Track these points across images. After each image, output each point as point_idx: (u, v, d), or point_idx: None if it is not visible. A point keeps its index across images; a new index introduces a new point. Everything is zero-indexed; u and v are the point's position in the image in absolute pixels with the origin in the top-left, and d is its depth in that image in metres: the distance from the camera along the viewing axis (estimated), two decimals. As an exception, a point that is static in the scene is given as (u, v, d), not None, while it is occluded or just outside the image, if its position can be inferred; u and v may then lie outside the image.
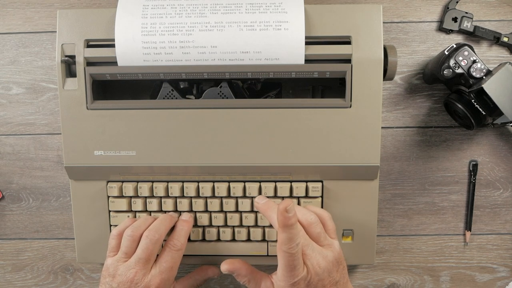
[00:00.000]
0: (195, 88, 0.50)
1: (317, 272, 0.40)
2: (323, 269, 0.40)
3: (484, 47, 0.54)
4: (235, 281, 0.56)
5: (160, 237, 0.44)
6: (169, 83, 0.48)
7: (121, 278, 0.43)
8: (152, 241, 0.43)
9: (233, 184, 0.49)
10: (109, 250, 0.45)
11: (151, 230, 0.44)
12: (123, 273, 0.43)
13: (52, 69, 0.55)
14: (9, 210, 0.58)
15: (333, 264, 0.41)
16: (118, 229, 0.46)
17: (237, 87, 0.49)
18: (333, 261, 0.41)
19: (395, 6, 0.54)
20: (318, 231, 0.42)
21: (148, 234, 0.44)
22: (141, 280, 0.43)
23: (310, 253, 0.40)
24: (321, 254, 0.40)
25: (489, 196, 0.55)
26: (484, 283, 0.57)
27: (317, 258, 0.40)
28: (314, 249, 0.40)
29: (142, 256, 0.43)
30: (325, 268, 0.40)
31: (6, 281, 0.59)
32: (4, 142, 0.56)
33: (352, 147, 0.47)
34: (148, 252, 0.43)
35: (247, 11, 0.45)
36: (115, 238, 0.45)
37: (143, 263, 0.43)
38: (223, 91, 0.48)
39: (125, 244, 0.44)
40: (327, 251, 0.41)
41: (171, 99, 0.48)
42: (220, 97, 0.48)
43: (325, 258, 0.40)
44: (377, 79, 0.45)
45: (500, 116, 0.46)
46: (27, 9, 0.55)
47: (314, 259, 0.40)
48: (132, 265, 0.43)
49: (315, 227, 0.42)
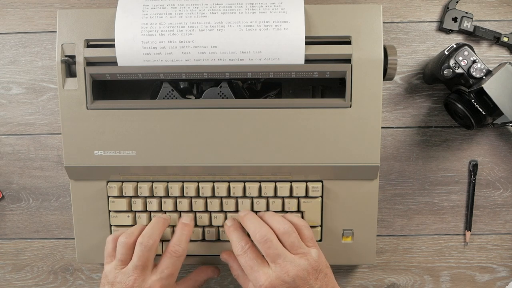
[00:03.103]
0: (195, 88, 0.50)
1: (285, 280, 0.40)
2: (292, 277, 0.40)
3: (484, 47, 0.54)
4: (235, 281, 0.57)
5: (154, 243, 0.44)
6: (169, 83, 0.48)
7: (120, 286, 0.43)
8: (146, 248, 0.43)
9: (233, 184, 0.49)
10: (106, 256, 0.45)
11: (144, 236, 0.44)
12: (122, 281, 0.43)
13: (52, 69, 0.55)
14: (9, 210, 0.58)
15: (308, 272, 0.41)
16: (114, 235, 0.46)
17: (237, 87, 0.49)
18: (308, 269, 0.41)
19: (395, 6, 0.54)
20: (292, 240, 0.42)
21: (142, 241, 0.44)
22: (141, 286, 0.43)
23: (281, 262, 0.41)
24: (292, 263, 0.41)
25: (489, 196, 0.55)
26: (484, 283, 0.57)
27: (286, 266, 0.41)
28: (285, 258, 0.41)
29: (138, 264, 0.43)
30: (295, 275, 0.41)
31: (6, 281, 0.59)
32: (4, 142, 0.56)
33: (352, 147, 0.47)
34: (144, 259, 0.43)
35: (247, 11, 0.45)
36: (111, 242, 0.45)
37: (141, 269, 0.43)
38: (223, 91, 0.48)
39: (120, 251, 0.44)
40: (301, 259, 0.42)
41: (171, 99, 0.48)
42: (220, 97, 0.48)
43: (296, 266, 0.41)
44: (377, 79, 0.45)
45: (500, 116, 0.46)
46: (27, 9, 0.55)
47: (283, 267, 0.41)
48: (130, 272, 0.43)
49: (289, 236, 0.43)
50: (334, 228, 0.50)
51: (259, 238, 0.42)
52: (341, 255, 0.50)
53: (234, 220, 0.47)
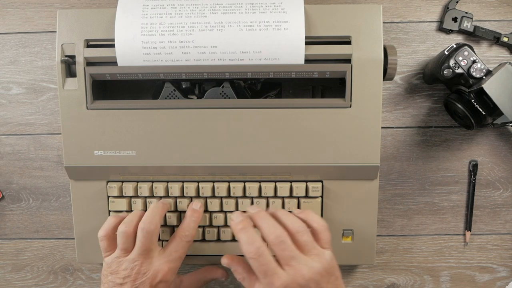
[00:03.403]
0: (197, 88, 0.50)
1: (300, 283, 0.39)
2: (307, 280, 0.39)
3: (484, 47, 0.54)
4: (235, 281, 0.56)
5: (156, 227, 0.44)
6: (171, 83, 0.48)
7: (126, 272, 0.42)
8: (149, 233, 0.43)
9: (233, 184, 0.49)
10: (103, 251, 0.45)
11: (145, 221, 0.44)
12: (128, 267, 0.43)
13: (52, 69, 0.55)
14: (9, 210, 0.58)
15: (321, 275, 0.40)
16: (104, 230, 0.45)
17: (239, 87, 0.49)
18: (321, 272, 0.40)
19: (395, 6, 0.54)
20: (305, 239, 0.41)
21: (144, 226, 0.43)
22: (148, 269, 0.43)
23: (295, 264, 0.40)
24: (306, 265, 0.40)
25: (489, 196, 0.55)
26: (484, 283, 0.57)
27: (301, 269, 0.40)
28: (300, 261, 0.40)
29: (142, 249, 0.43)
30: (310, 278, 0.39)
31: (6, 281, 0.59)
32: (4, 142, 0.56)
33: (352, 147, 0.47)
34: (148, 244, 0.43)
35: (247, 11, 0.45)
36: (104, 239, 0.45)
37: (145, 254, 0.43)
38: (225, 91, 0.48)
39: (121, 241, 0.44)
40: (314, 261, 0.40)
41: (171, 99, 0.48)
42: (222, 97, 0.48)
43: (310, 269, 0.40)
44: (377, 79, 0.45)
45: (500, 116, 0.46)
46: (27, 9, 0.55)
47: (298, 271, 0.39)
48: (135, 257, 0.43)
49: (302, 235, 0.41)
50: (334, 228, 0.49)
51: (273, 240, 0.40)
52: (341, 255, 0.50)
53: (242, 216, 0.43)
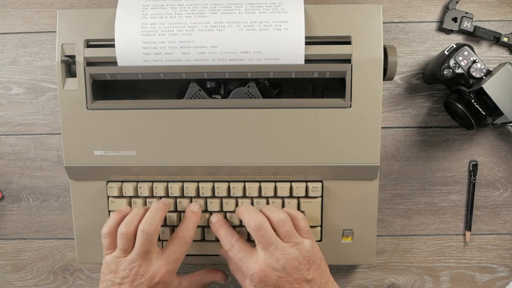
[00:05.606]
0: (223, 88, 0.49)
1: (275, 267, 0.41)
2: (282, 265, 0.41)
3: (484, 47, 0.54)
4: (235, 281, 0.57)
5: (156, 229, 0.44)
6: (197, 82, 0.48)
7: (125, 273, 0.43)
8: (148, 235, 0.43)
9: (233, 184, 0.49)
10: (104, 249, 0.45)
11: (145, 223, 0.44)
12: (126, 268, 0.43)
13: (52, 69, 0.55)
14: (9, 210, 0.58)
15: (299, 261, 0.42)
16: (107, 227, 0.45)
17: (264, 87, 0.49)
18: (299, 258, 0.42)
19: (395, 6, 0.54)
20: (286, 229, 0.43)
21: (144, 228, 0.43)
22: (147, 270, 0.43)
23: (272, 250, 0.42)
24: (283, 251, 0.42)
25: (489, 196, 0.55)
26: (484, 283, 0.57)
27: (276, 254, 0.42)
28: (277, 247, 0.42)
29: (142, 250, 0.43)
30: (285, 264, 0.41)
31: (6, 281, 0.59)
32: (4, 142, 0.56)
33: (352, 147, 0.47)
34: (147, 246, 0.43)
35: (247, 11, 0.45)
36: (107, 237, 0.45)
37: (144, 256, 0.43)
38: (250, 91, 0.48)
39: (121, 242, 0.44)
40: (292, 248, 0.42)
41: (170, 99, 0.48)
42: (248, 97, 0.48)
43: (286, 254, 0.42)
44: (377, 79, 0.45)
45: (500, 116, 0.46)
46: (27, 9, 0.55)
47: (273, 255, 0.42)
48: (134, 259, 0.43)
49: (283, 224, 0.43)
50: (334, 228, 0.50)
51: (253, 226, 0.43)
52: (341, 255, 0.50)
53: (218, 216, 0.48)
